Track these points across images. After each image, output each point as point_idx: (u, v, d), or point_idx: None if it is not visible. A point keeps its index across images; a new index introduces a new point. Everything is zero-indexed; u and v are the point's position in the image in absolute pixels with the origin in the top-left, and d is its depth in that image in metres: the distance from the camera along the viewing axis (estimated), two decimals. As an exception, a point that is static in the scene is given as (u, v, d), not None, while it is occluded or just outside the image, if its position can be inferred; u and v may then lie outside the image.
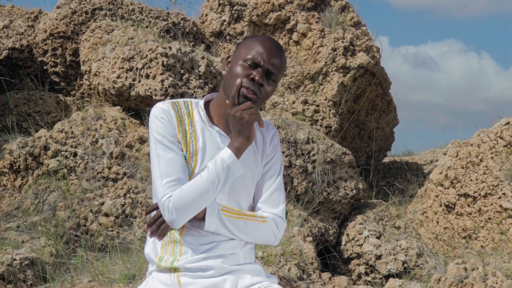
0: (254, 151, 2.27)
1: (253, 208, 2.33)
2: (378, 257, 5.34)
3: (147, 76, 5.34)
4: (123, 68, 5.44)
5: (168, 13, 6.65)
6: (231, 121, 2.16)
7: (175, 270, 2.18)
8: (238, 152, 2.15)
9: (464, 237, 5.30)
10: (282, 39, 6.62)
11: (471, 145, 5.49)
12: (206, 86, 5.48)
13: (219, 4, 6.69)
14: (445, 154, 5.80)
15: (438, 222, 5.53)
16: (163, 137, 2.17)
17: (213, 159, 2.15)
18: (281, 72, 2.23)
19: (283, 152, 5.39)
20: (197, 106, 2.26)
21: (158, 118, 2.19)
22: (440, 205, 5.51)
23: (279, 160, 2.33)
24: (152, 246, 2.23)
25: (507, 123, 5.38)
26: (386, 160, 7.95)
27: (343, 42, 6.45)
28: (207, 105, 2.28)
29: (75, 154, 5.21)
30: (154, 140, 2.18)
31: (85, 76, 6.13)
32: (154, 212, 2.22)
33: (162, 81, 5.27)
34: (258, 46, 2.18)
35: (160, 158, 2.16)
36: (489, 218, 5.13)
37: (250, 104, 2.15)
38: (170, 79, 5.28)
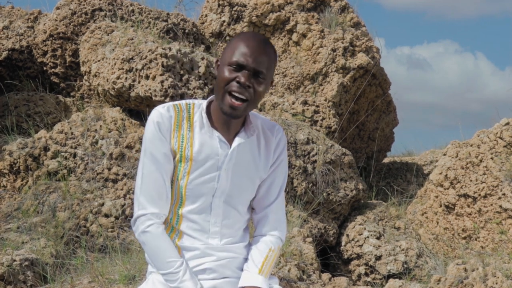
0: (253, 159, 2.22)
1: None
2: (378, 258, 5.34)
3: (147, 77, 5.34)
4: (122, 69, 5.44)
5: (168, 14, 6.65)
6: None
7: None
8: None
9: (464, 238, 5.30)
10: (281, 39, 6.62)
11: (471, 145, 5.49)
12: (206, 87, 5.48)
13: (219, 5, 6.69)
14: (444, 154, 5.80)
15: (438, 223, 5.53)
16: (153, 145, 2.15)
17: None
18: (270, 69, 2.13)
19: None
20: (199, 108, 2.21)
21: (154, 123, 2.15)
22: (440, 206, 5.50)
23: (283, 172, 2.29)
24: None
25: (507, 124, 5.38)
26: (386, 160, 7.95)
27: (342, 43, 6.45)
28: (209, 107, 2.23)
29: (75, 155, 5.20)
30: (144, 148, 2.18)
31: (85, 77, 6.12)
32: None
33: (162, 82, 5.26)
34: (242, 47, 2.09)
35: (145, 167, 2.16)
36: (489, 219, 5.13)
37: None
38: (170, 80, 5.28)
